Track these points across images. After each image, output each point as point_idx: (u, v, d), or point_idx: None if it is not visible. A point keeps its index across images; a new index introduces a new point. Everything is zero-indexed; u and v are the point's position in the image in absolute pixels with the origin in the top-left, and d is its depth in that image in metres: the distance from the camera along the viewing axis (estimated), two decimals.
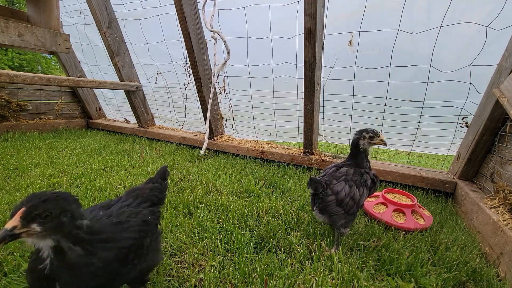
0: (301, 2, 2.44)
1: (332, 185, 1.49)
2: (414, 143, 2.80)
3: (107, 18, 3.61)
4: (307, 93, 2.57)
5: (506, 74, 1.74)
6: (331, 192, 1.46)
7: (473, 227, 1.77)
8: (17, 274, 1.17)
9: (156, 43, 3.64)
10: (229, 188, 2.24)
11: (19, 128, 4.01)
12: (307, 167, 2.93)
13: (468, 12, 2.01)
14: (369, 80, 2.58)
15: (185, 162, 3.00)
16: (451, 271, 1.33)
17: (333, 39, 2.50)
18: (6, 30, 2.08)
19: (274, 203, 1.98)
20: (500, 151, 1.93)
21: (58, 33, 2.40)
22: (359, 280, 1.23)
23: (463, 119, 2.38)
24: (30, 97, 4.33)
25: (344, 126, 2.97)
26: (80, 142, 3.62)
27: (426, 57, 2.26)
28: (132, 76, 4.07)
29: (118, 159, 2.89)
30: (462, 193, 2.11)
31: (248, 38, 2.94)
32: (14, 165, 2.46)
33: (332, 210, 1.44)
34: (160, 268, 1.27)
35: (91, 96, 5.02)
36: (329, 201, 1.44)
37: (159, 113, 4.52)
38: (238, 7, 2.82)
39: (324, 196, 1.46)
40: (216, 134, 3.67)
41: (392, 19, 2.23)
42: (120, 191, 2.05)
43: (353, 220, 1.52)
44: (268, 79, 3.08)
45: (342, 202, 1.44)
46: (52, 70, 16.24)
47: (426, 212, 1.94)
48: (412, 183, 2.46)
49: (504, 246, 1.38)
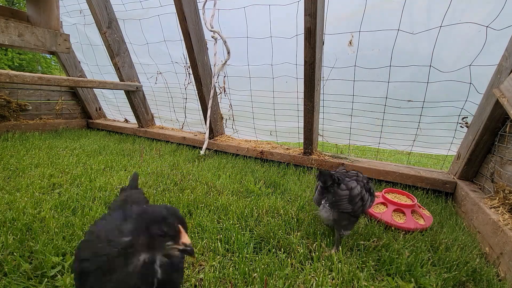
0: (301, 2, 2.44)
1: (346, 181, 1.48)
2: (414, 143, 2.80)
3: (107, 18, 3.61)
4: (307, 93, 2.57)
5: (506, 74, 1.74)
6: (345, 187, 1.45)
7: (473, 227, 1.77)
8: (17, 274, 1.17)
9: (156, 43, 3.64)
10: (229, 188, 2.24)
11: (19, 128, 4.01)
12: (307, 167, 2.93)
13: (468, 12, 2.01)
14: (369, 80, 2.58)
15: (185, 162, 3.00)
16: (451, 271, 1.33)
17: (333, 39, 2.50)
18: (6, 30, 2.08)
19: (274, 203, 1.98)
20: (500, 151, 1.93)
21: (58, 33, 2.40)
22: (359, 280, 1.23)
23: (463, 119, 2.38)
24: (30, 97, 4.33)
25: (344, 126, 2.97)
26: (80, 142, 3.62)
27: (426, 57, 2.26)
28: (132, 76, 4.07)
29: (118, 159, 2.89)
30: (462, 193, 2.11)
31: (248, 38, 2.93)
32: (14, 165, 2.46)
33: (343, 206, 1.43)
34: None
35: (91, 96, 5.02)
36: (342, 196, 1.43)
37: (159, 113, 4.52)
38: (238, 7, 2.81)
39: (337, 189, 1.44)
40: (216, 134, 3.67)
41: (392, 19, 2.23)
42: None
43: (355, 223, 1.52)
44: (268, 79, 3.08)
45: (353, 199, 1.42)
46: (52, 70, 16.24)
47: (426, 212, 1.94)
48: (412, 183, 2.46)
49: (504, 246, 1.38)
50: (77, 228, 1.50)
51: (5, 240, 1.33)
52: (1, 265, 1.21)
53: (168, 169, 2.67)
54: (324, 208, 1.51)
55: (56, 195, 1.94)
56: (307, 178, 2.64)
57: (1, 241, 1.34)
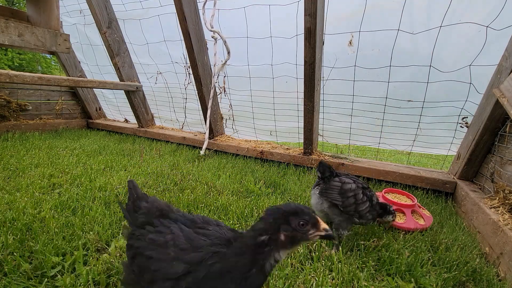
0: (301, 2, 2.44)
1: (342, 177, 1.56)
2: (414, 143, 2.80)
3: (107, 18, 3.61)
4: (307, 93, 2.57)
5: (506, 74, 1.74)
6: (338, 180, 1.53)
7: (473, 227, 1.77)
8: (17, 274, 1.17)
9: (156, 43, 3.64)
10: (229, 188, 2.24)
11: (19, 128, 4.01)
12: (307, 167, 2.93)
13: (468, 12, 2.01)
14: (369, 80, 2.58)
15: (185, 162, 3.00)
16: (451, 271, 1.33)
17: (333, 39, 2.50)
18: (6, 30, 2.08)
19: (274, 203, 1.98)
20: (500, 151, 1.93)
21: (58, 33, 2.40)
22: (359, 280, 1.23)
23: (463, 119, 2.38)
24: (30, 97, 4.33)
25: (344, 126, 2.97)
26: (80, 142, 3.62)
27: (426, 57, 2.26)
28: (132, 76, 4.07)
29: (118, 159, 2.89)
30: (462, 193, 2.11)
31: (248, 38, 2.94)
32: (14, 165, 2.46)
33: (332, 195, 1.48)
34: None
35: (91, 96, 5.02)
36: (333, 185, 1.50)
37: (159, 113, 4.52)
38: (238, 7, 2.81)
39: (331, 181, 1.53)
40: (216, 134, 3.67)
41: (392, 19, 2.23)
42: (120, 191, 2.05)
43: (350, 224, 1.52)
44: (268, 79, 3.08)
45: (344, 193, 1.47)
46: (52, 70, 16.25)
47: (426, 212, 1.94)
48: (412, 183, 2.46)
49: (504, 246, 1.38)
50: (77, 228, 1.50)
51: (5, 240, 1.33)
52: (1, 265, 1.21)
53: (168, 169, 2.67)
54: (314, 194, 1.59)
55: (56, 195, 1.94)
56: (307, 178, 2.64)
57: (1, 241, 1.34)
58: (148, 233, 0.87)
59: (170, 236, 0.82)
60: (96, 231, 1.49)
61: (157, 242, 0.82)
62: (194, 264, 0.74)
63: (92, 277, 1.16)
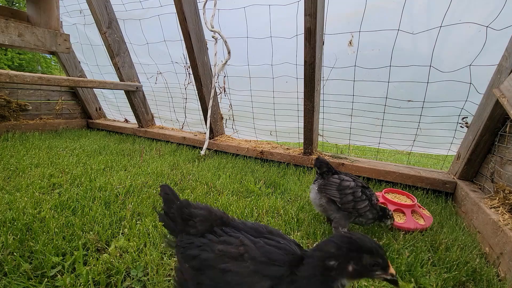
0: (301, 2, 2.44)
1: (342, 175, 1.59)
2: (414, 143, 2.80)
3: (107, 18, 3.61)
4: (307, 93, 2.57)
5: (506, 74, 1.74)
6: (337, 177, 1.56)
7: (473, 227, 1.77)
8: (17, 274, 1.17)
9: (156, 43, 3.64)
10: (229, 188, 2.24)
11: (19, 128, 4.00)
12: (307, 167, 2.93)
13: (468, 12, 2.01)
14: (369, 80, 2.58)
15: (185, 162, 3.00)
16: (451, 271, 1.33)
17: (333, 39, 2.50)
18: (6, 30, 2.08)
19: (274, 203, 1.98)
20: (500, 151, 1.93)
21: (58, 33, 2.40)
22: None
23: (463, 119, 2.38)
24: (30, 97, 4.33)
25: (344, 126, 2.98)
26: (80, 142, 3.62)
27: (426, 57, 2.26)
28: (132, 76, 4.07)
29: (118, 159, 2.89)
30: (462, 193, 2.11)
31: (248, 38, 2.94)
32: (14, 165, 2.46)
33: (330, 191, 1.51)
34: (160, 268, 1.27)
35: (91, 96, 5.02)
36: (331, 182, 1.53)
37: (159, 113, 4.52)
38: (238, 7, 2.82)
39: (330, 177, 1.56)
40: (216, 134, 3.67)
41: (392, 19, 2.23)
42: (120, 191, 2.05)
43: (348, 222, 1.53)
44: (268, 79, 3.08)
45: (342, 190, 1.49)
46: (52, 70, 16.26)
47: (426, 212, 1.94)
48: (412, 183, 2.46)
49: (504, 246, 1.38)
50: (77, 228, 1.50)
51: (5, 240, 1.33)
52: (1, 265, 1.21)
53: (168, 169, 2.67)
54: (313, 189, 1.61)
55: (56, 195, 1.94)
56: (307, 178, 2.64)
57: (1, 241, 1.34)
58: (213, 244, 0.83)
59: (242, 248, 0.79)
60: (96, 231, 1.49)
61: (230, 254, 0.79)
62: (276, 279, 0.73)
63: (92, 277, 1.16)
